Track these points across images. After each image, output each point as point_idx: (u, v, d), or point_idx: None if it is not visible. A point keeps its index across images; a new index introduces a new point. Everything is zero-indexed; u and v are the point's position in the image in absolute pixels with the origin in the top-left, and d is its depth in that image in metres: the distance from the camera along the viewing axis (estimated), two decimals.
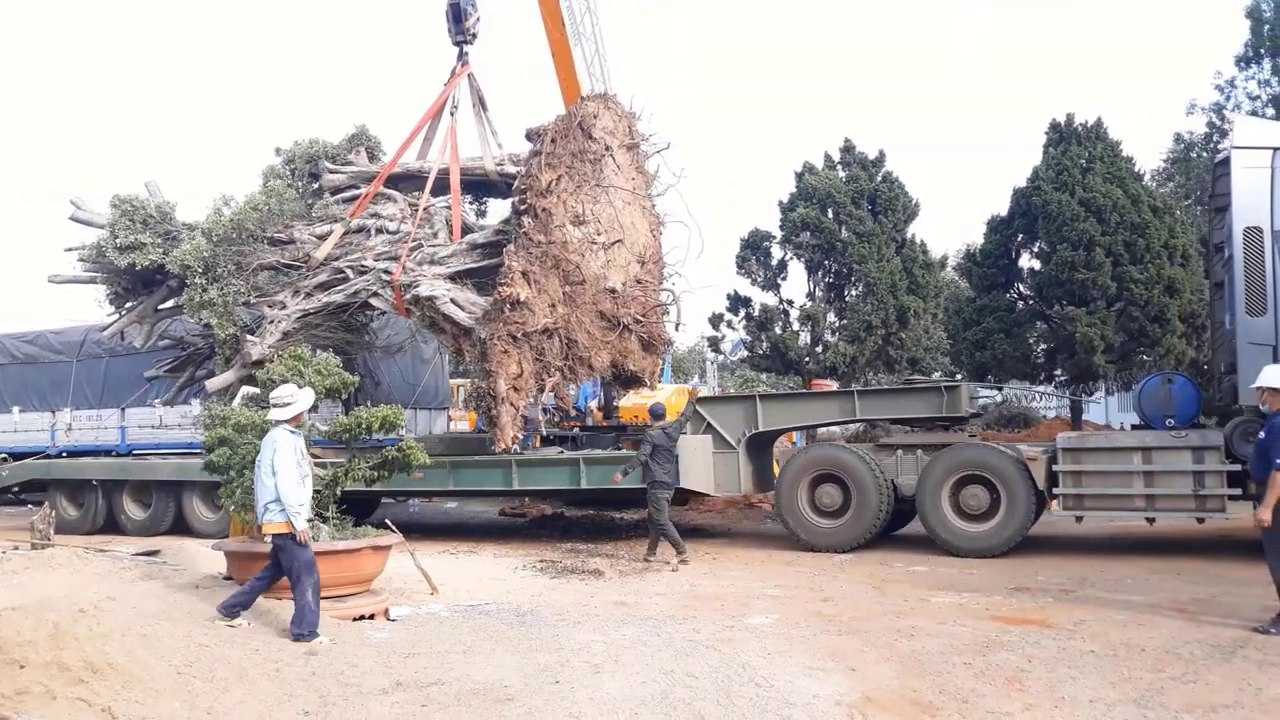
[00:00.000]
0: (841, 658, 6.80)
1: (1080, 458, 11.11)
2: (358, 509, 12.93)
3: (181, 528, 14.72)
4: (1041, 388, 18.53)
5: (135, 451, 16.03)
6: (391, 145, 14.96)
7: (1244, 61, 27.67)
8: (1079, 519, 11.49)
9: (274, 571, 7.40)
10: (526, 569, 11.14)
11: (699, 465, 12.68)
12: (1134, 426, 11.70)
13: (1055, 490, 11.24)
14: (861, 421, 14.36)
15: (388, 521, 9.56)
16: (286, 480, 7.18)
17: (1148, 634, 7.39)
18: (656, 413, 12.27)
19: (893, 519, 12.45)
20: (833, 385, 15.54)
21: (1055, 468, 11.16)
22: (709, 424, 13.06)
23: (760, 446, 13.54)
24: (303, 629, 7.03)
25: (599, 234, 12.75)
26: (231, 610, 7.17)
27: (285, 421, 7.43)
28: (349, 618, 7.76)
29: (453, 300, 12.80)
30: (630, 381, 14.02)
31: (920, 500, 11.82)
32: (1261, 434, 7.73)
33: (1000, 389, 18.14)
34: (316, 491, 8.67)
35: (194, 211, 15.21)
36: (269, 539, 7.32)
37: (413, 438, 11.20)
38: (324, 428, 9.38)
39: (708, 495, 13.68)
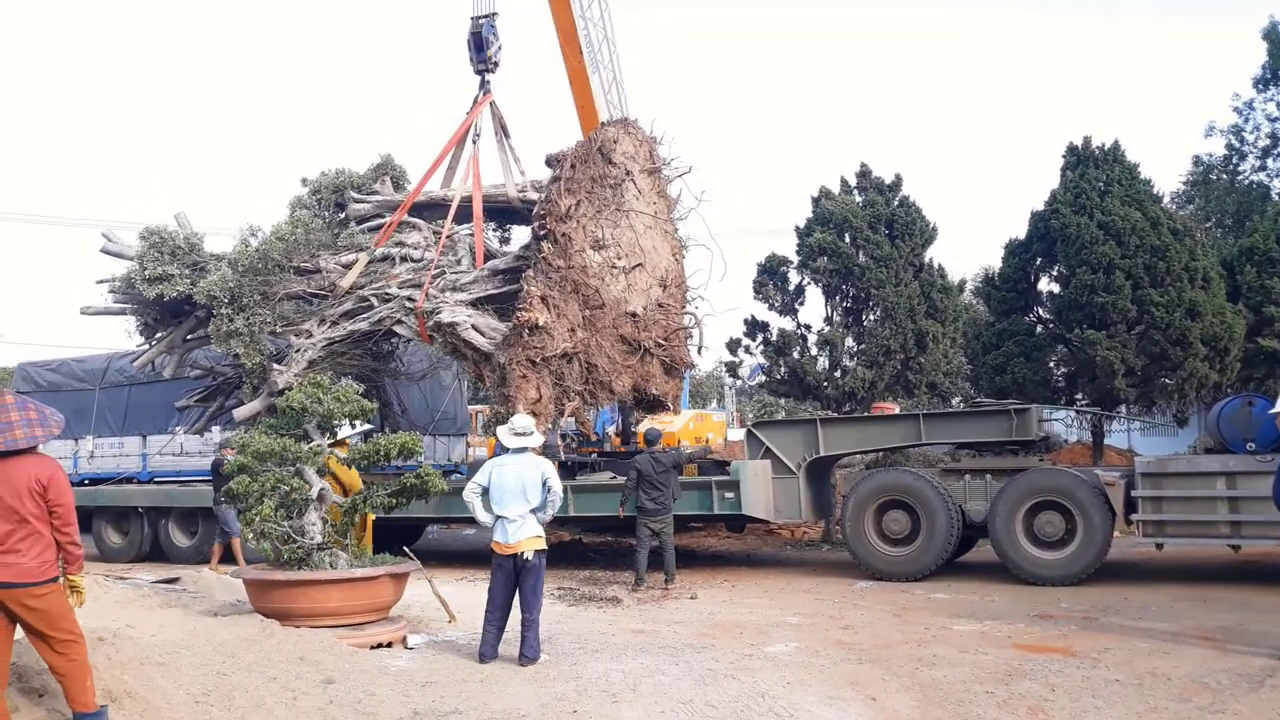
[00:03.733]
0: (862, 686, 6.74)
1: (1160, 483, 10.84)
2: (406, 535, 12.98)
3: (228, 555, 14.68)
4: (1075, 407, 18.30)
5: (157, 479, 16.14)
6: (416, 174, 15.11)
7: (1262, 83, 27.60)
8: (1159, 546, 11.33)
9: (507, 594, 7.69)
10: (544, 596, 11.09)
11: (758, 491, 12.53)
12: (1208, 450, 11.45)
13: (1134, 516, 10.99)
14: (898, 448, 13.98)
15: (405, 549, 9.57)
16: (561, 498, 7.74)
17: (1173, 663, 7.28)
18: (650, 438, 12.21)
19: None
20: (895, 408, 15.35)
21: (1134, 493, 10.94)
22: (768, 449, 12.88)
23: (819, 472, 13.35)
24: (538, 652, 7.46)
25: (619, 258, 12.79)
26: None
27: (530, 450, 7.87)
28: (366, 646, 7.75)
29: (474, 326, 12.87)
30: (652, 405, 14.00)
31: (993, 527, 11.51)
32: None
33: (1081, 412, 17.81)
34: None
35: (223, 242, 15.42)
36: (528, 557, 7.55)
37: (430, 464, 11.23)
38: (342, 454, 9.42)
39: (768, 522, 13.52)
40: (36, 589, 5.07)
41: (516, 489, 7.62)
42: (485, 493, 7.78)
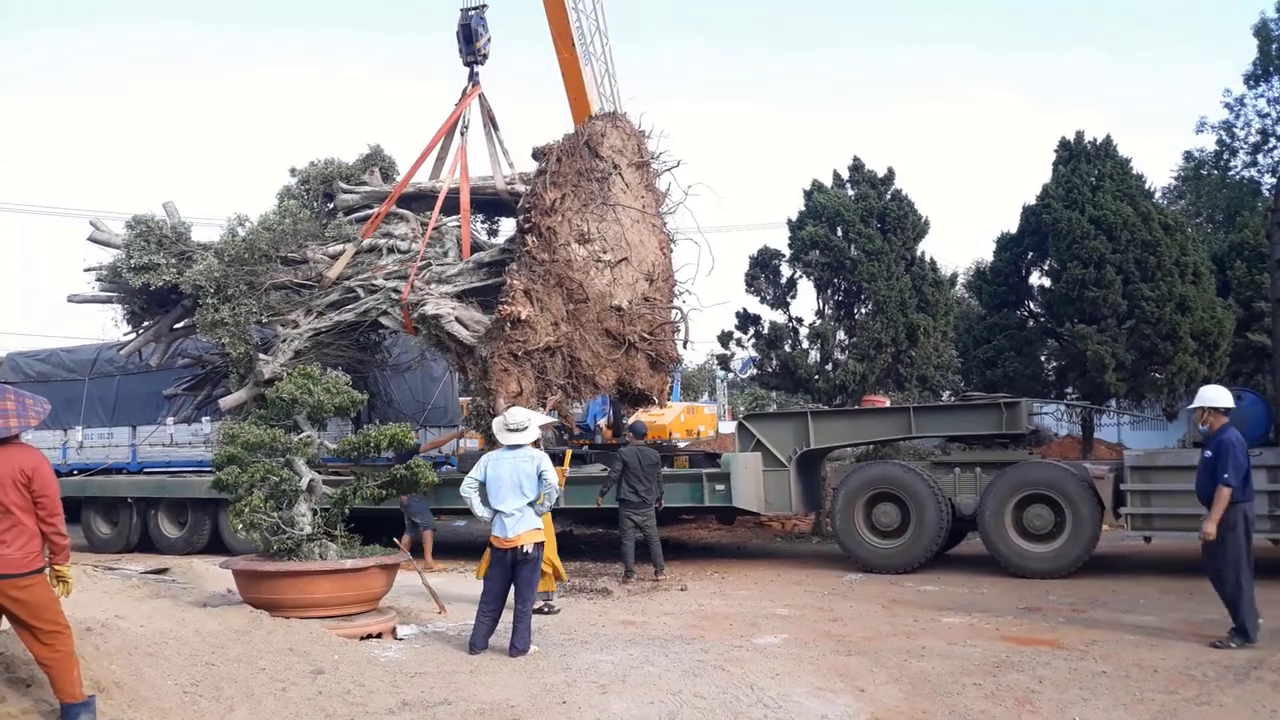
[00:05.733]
0: (850, 678, 6.75)
1: (1149, 476, 10.86)
2: (396, 527, 12.96)
3: (218, 545, 14.68)
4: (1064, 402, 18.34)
5: (147, 469, 16.08)
6: (405, 165, 15.09)
7: (1253, 79, 27.66)
8: (1147, 539, 11.35)
9: (503, 587, 7.68)
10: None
11: (748, 484, 12.54)
12: (1196, 444, 11.45)
13: (1122, 510, 11.02)
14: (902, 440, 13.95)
15: (395, 540, 9.55)
16: (557, 490, 7.79)
17: (1160, 655, 7.32)
18: (637, 431, 12.21)
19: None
20: (885, 401, 15.38)
21: (1123, 486, 10.96)
22: (758, 441, 12.89)
23: (809, 464, 13.36)
24: (528, 643, 7.45)
25: (605, 252, 12.77)
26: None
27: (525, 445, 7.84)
28: (356, 636, 7.74)
29: (457, 319, 12.84)
30: (638, 399, 13.99)
31: (982, 520, 11.55)
32: (1208, 452, 8.00)
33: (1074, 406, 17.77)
34: (325, 509, 8.70)
35: (211, 232, 15.37)
36: (527, 550, 7.55)
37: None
38: (333, 446, 9.39)
39: (758, 514, 13.56)
40: (21, 580, 5.04)
41: (513, 483, 7.60)
42: (482, 487, 7.76)
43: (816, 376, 17.40)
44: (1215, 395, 8.24)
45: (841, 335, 17.70)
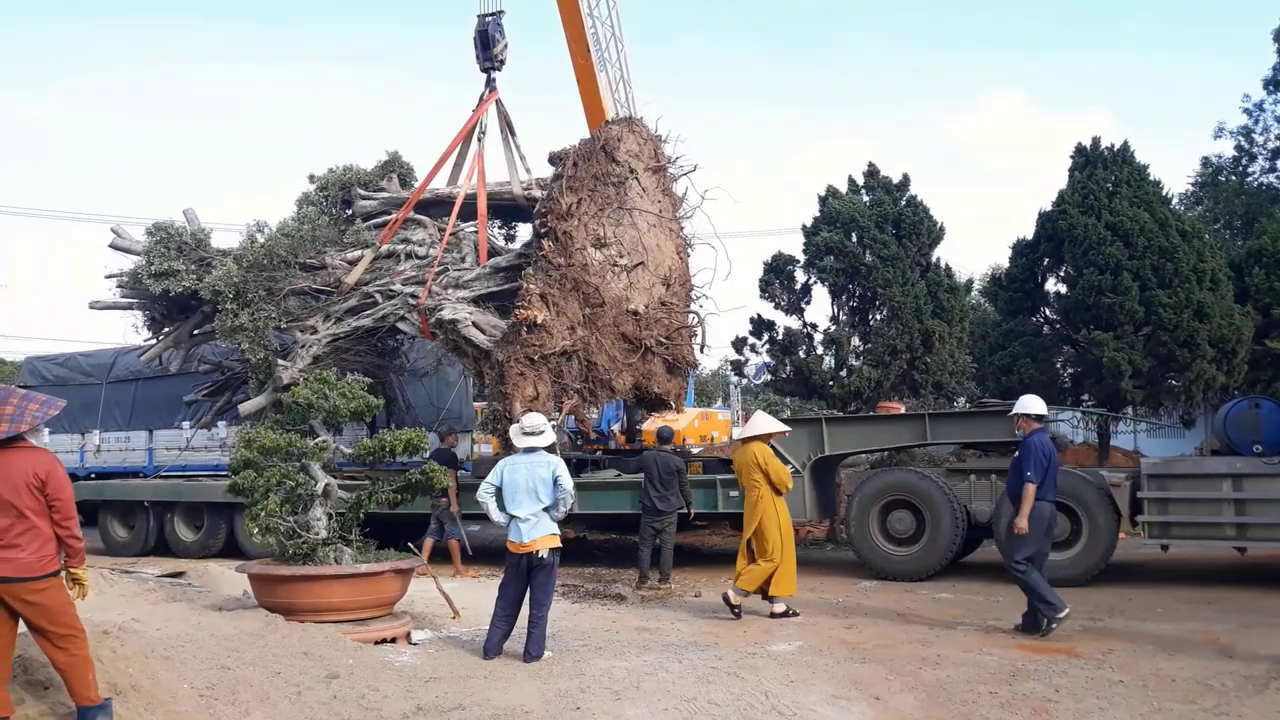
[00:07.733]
0: (865, 686, 6.73)
1: (1166, 484, 10.80)
2: (411, 531, 12.97)
3: (233, 549, 14.77)
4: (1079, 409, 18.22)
5: (163, 474, 16.19)
6: (423, 171, 15.17)
7: (1272, 85, 27.48)
8: (1165, 548, 11.31)
9: (519, 593, 7.70)
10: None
11: None
12: (1214, 452, 11.43)
13: (1139, 518, 10.95)
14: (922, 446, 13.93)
15: (410, 544, 9.59)
16: (573, 495, 7.79)
17: (1178, 664, 7.26)
18: (663, 436, 12.18)
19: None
20: (900, 408, 15.33)
21: (1139, 494, 10.90)
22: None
23: (824, 471, 13.31)
24: (543, 649, 7.48)
25: (621, 256, 12.78)
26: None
27: (542, 449, 7.86)
28: (370, 641, 7.76)
29: (474, 323, 12.88)
30: (654, 404, 13.98)
31: (997, 527, 11.43)
32: (1018, 453, 8.62)
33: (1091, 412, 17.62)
34: (340, 514, 8.74)
35: (231, 238, 15.51)
36: (542, 555, 7.56)
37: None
38: (349, 450, 9.42)
39: None
40: (35, 584, 5.06)
41: (528, 488, 7.63)
42: (498, 492, 7.78)
43: (831, 383, 17.35)
44: (1029, 404, 8.86)
45: (856, 341, 17.65)
